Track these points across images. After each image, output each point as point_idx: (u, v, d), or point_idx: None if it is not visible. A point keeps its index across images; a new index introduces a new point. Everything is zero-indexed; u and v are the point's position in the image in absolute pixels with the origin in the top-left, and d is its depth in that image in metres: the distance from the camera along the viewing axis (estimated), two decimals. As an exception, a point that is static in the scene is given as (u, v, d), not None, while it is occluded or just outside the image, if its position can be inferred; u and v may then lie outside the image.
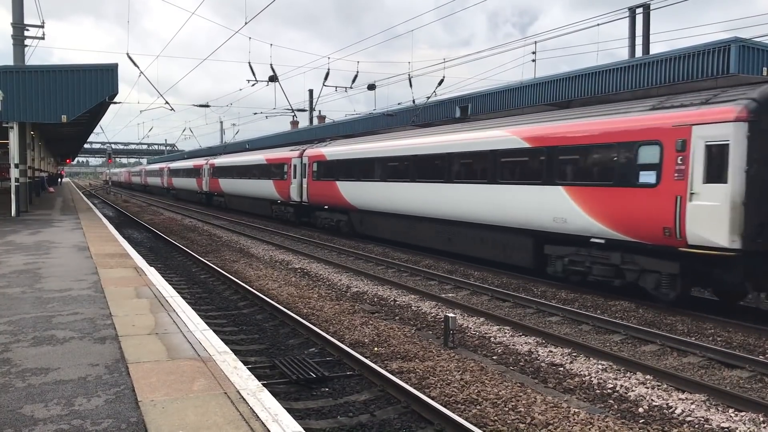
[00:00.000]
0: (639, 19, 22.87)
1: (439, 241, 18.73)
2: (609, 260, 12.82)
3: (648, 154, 11.78)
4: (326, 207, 26.20)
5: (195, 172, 50.63)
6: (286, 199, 30.08)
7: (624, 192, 12.22)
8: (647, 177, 11.79)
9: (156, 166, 73.76)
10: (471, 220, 16.78)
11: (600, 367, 8.71)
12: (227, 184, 40.91)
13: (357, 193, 22.95)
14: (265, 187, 32.49)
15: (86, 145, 79.76)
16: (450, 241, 18.09)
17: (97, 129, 41.51)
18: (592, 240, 12.99)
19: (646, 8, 22.35)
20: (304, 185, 27.62)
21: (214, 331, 7.50)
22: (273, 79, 25.89)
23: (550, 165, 13.94)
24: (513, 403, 7.04)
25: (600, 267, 13.09)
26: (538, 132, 14.51)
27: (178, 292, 9.83)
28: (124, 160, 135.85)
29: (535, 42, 24.59)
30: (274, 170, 31.33)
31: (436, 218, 18.42)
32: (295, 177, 28.77)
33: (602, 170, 12.88)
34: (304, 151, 28.39)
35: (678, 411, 7.12)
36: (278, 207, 31.93)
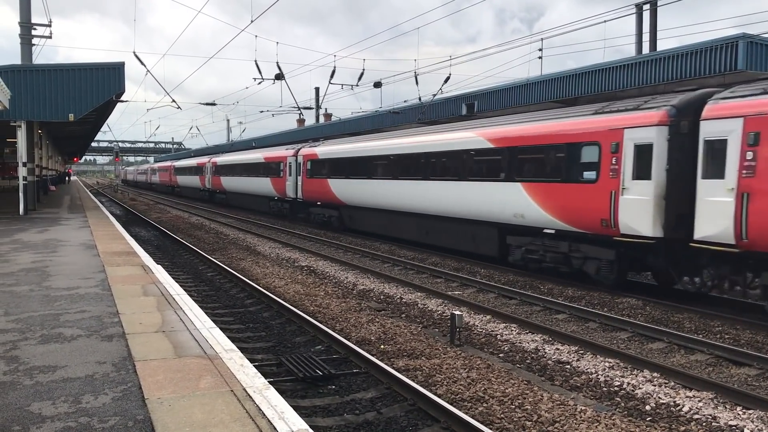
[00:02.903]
0: (646, 15, 22.76)
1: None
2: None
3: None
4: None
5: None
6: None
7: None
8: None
9: (246, 157, 39.12)
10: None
11: (607, 364, 8.69)
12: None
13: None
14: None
15: (93, 144, 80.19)
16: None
17: (104, 127, 41.77)
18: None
19: (653, 4, 22.23)
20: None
21: (221, 329, 7.52)
22: (279, 77, 25.93)
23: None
24: (520, 401, 7.03)
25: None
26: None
27: (185, 290, 9.85)
28: (131, 158, 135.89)
29: (542, 39, 24.48)
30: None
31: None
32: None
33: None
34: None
35: (685, 409, 7.10)
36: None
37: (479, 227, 17.28)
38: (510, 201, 15.65)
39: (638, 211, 12.32)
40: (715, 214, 11.02)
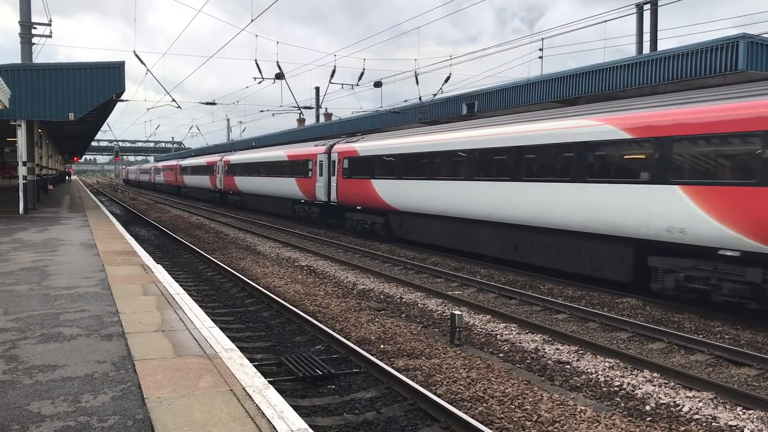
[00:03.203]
0: (647, 15, 22.77)
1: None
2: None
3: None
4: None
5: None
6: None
7: None
8: None
9: (264, 155, 35.15)
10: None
11: (607, 364, 8.68)
12: None
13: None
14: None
15: (93, 143, 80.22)
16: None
17: (104, 127, 41.77)
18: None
19: (654, 4, 22.23)
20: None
21: (221, 328, 7.52)
22: (279, 76, 25.94)
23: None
24: (519, 401, 7.03)
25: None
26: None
27: (185, 290, 9.85)
28: (132, 158, 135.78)
29: (542, 39, 24.49)
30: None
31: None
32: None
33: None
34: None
35: (685, 409, 7.09)
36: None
37: (602, 243, 13.33)
38: (660, 210, 11.69)
39: None
40: None
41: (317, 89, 48.24)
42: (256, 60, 25.07)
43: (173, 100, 26.72)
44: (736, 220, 10.50)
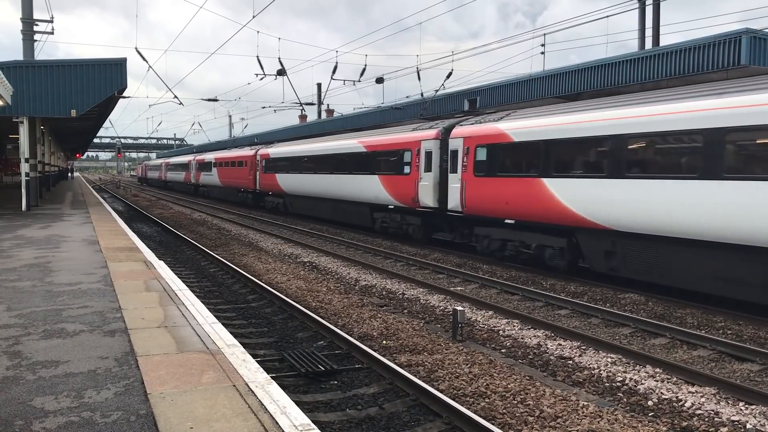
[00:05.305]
0: (649, 10, 22.69)
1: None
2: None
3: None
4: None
5: None
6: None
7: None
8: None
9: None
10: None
11: (609, 360, 8.68)
12: None
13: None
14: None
15: (96, 140, 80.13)
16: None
17: (106, 123, 41.75)
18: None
19: (657, -1, 22.15)
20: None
21: (223, 324, 7.52)
22: (281, 72, 25.93)
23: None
24: (522, 396, 7.03)
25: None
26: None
27: (188, 286, 9.86)
28: (134, 155, 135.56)
29: (544, 34, 24.30)
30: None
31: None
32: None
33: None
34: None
35: (688, 404, 7.09)
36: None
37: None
38: None
39: None
40: None
41: (319, 85, 48.19)
42: (257, 56, 25.09)
43: (175, 96, 26.75)
44: None
